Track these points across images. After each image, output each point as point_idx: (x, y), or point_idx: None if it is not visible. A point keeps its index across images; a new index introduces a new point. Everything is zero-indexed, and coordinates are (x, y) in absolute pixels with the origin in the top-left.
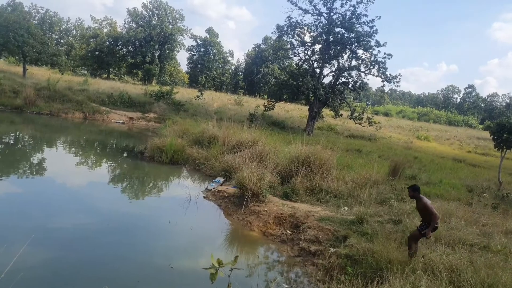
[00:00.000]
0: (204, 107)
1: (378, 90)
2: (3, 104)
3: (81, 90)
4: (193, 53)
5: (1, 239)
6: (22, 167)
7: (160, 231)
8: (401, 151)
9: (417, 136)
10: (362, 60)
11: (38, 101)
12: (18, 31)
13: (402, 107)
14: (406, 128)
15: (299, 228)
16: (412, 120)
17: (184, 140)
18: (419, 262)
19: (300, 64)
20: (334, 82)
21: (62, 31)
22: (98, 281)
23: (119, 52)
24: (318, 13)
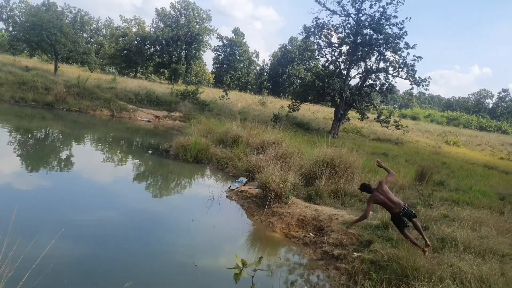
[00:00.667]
0: (228, 107)
1: (406, 93)
2: (36, 101)
3: (109, 88)
4: (219, 53)
5: (32, 232)
6: (51, 162)
7: (183, 228)
8: (428, 156)
9: (446, 141)
10: (390, 62)
11: (68, 98)
12: (51, 30)
13: (430, 111)
14: (434, 132)
15: (322, 231)
16: (440, 124)
17: (208, 139)
18: (447, 271)
19: (326, 65)
20: (361, 84)
21: (93, 30)
22: (122, 276)
23: (146, 52)
24: (346, 14)
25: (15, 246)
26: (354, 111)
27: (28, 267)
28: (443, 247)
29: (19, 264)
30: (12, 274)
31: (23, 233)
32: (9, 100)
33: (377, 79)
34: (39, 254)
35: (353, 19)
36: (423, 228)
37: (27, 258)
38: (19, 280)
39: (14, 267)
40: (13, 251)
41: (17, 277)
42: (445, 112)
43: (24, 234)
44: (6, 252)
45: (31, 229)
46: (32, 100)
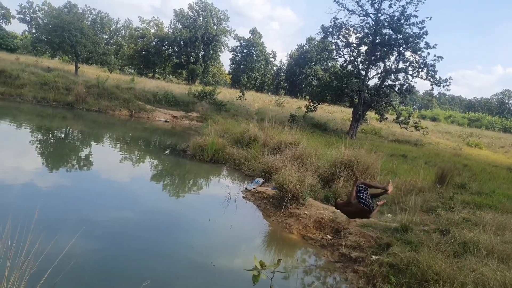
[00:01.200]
0: (245, 107)
1: (425, 94)
2: (57, 101)
3: (128, 89)
4: (236, 54)
5: (54, 230)
6: (72, 161)
7: (199, 229)
8: (449, 158)
9: (467, 143)
10: (410, 63)
11: (88, 98)
12: (72, 31)
13: (451, 112)
14: (455, 134)
15: (340, 234)
16: (462, 126)
17: (225, 139)
18: (469, 276)
19: (344, 66)
20: (379, 85)
21: (112, 31)
22: (140, 275)
23: (164, 52)
24: (365, 14)
25: (37, 244)
26: (373, 112)
27: (50, 265)
28: (464, 252)
29: (41, 261)
30: (34, 271)
31: (45, 231)
32: (32, 100)
33: (396, 79)
34: (61, 251)
35: (372, 19)
36: (443, 232)
37: (48, 255)
38: (41, 277)
39: (36, 264)
40: (36, 248)
41: (39, 274)
42: (466, 113)
43: (46, 231)
44: (28, 249)
45: (52, 227)
46: (53, 100)
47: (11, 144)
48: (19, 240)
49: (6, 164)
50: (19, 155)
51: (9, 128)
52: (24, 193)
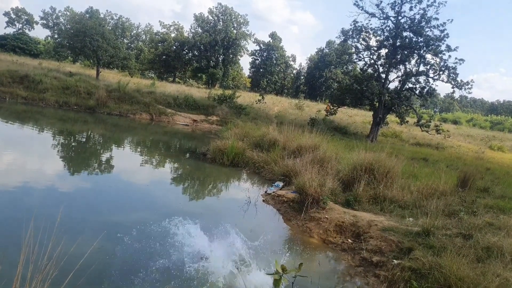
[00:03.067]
0: (264, 111)
1: (447, 97)
2: (78, 105)
3: (148, 93)
4: (256, 58)
5: (76, 233)
6: (93, 165)
7: (220, 231)
8: (471, 162)
9: (489, 146)
10: (431, 65)
11: (109, 102)
12: (94, 36)
13: (473, 115)
14: (477, 137)
15: (360, 238)
16: (484, 129)
17: (244, 143)
18: (493, 281)
19: (364, 69)
20: (400, 88)
21: (133, 36)
22: (161, 279)
23: (185, 57)
24: (385, 17)
25: (60, 246)
26: (393, 115)
27: (72, 267)
28: (488, 257)
29: (64, 264)
30: (56, 274)
31: (67, 234)
32: (54, 104)
33: (417, 82)
34: (83, 254)
35: (392, 22)
36: (465, 237)
37: (71, 258)
38: (63, 280)
39: (59, 267)
40: (58, 251)
41: (61, 277)
42: (488, 116)
43: (69, 234)
44: (51, 252)
45: (75, 229)
46: (75, 104)
47: (34, 148)
48: (42, 243)
49: (29, 167)
50: (42, 159)
51: (32, 132)
52: (47, 196)
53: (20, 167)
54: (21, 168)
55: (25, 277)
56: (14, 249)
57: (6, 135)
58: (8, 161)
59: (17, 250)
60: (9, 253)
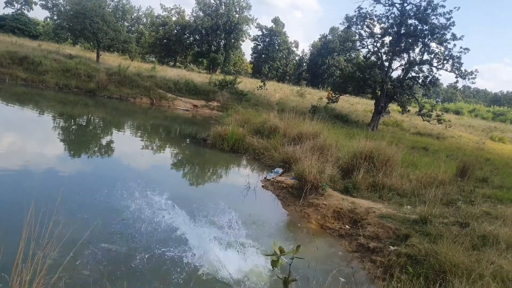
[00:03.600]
0: (266, 97)
1: (450, 87)
2: (78, 88)
3: (149, 77)
4: (258, 43)
5: (76, 213)
6: (93, 148)
7: (219, 216)
8: (471, 152)
9: (490, 137)
10: (435, 54)
11: (109, 86)
12: (94, 18)
13: (475, 105)
14: (478, 128)
15: (358, 224)
16: (486, 119)
17: (245, 129)
18: (488, 268)
19: (368, 57)
20: (403, 76)
21: (134, 19)
22: (160, 261)
23: (186, 41)
24: (391, 3)
25: (60, 226)
26: (395, 104)
27: (73, 246)
28: (484, 245)
29: (64, 243)
30: (57, 252)
31: (68, 214)
32: (54, 87)
33: (420, 71)
34: (83, 234)
35: (397, 9)
36: (462, 225)
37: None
38: (64, 258)
39: (60, 245)
40: (58, 231)
41: (62, 255)
42: (491, 107)
43: (69, 215)
44: (52, 231)
45: (75, 211)
46: (75, 87)
47: (35, 130)
48: (42, 223)
49: (29, 150)
50: (42, 142)
51: (32, 115)
52: (47, 178)
53: (21, 149)
54: (21, 150)
55: (27, 254)
56: (15, 228)
57: (6, 117)
58: (9, 144)
59: (19, 229)
60: (11, 232)
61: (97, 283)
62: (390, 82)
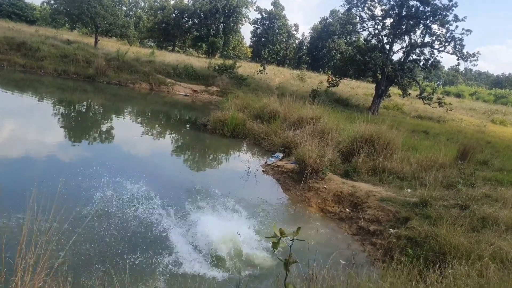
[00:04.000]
0: (265, 82)
1: (451, 69)
2: (77, 73)
3: (148, 62)
4: (257, 26)
5: (77, 200)
6: (93, 134)
7: (220, 200)
8: (472, 135)
9: (491, 120)
10: (436, 36)
11: (108, 71)
12: (91, 2)
13: (476, 88)
14: (479, 111)
15: (358, 207)
16: (487, 102)
17: (245, 114)
18: (487, 249)
19: (368, 39)
20: (404, 59)
21: (131, 3)
22: (160, 243)
23: (184, 25)
24: None
25: (62, 211)
26: (396, 88)
27: (74, 232)
28: (483, 227)
29: (66, 228)
30: (60, 237)
31: (69, 201)
32: (52, 73)
33: (421, 54)
34: (84, 220)
35: None
36: (462, 208)
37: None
38: (66, 242)
39: (61, 230)
40: (60, 216)
41: (64, 239)
42: (493, 89)
43: (70, 201)
44: (54, 217)
45: (76, 196)
46: (74, 73)
47: (35, 117)
48: (44, 208)
49: (30, 137)
50: (42, 129)
51: (31, 101)
52: (48, 165)
53: (22, 136)
54: (22, 137)
55: (30, 239)
56: (18, 214)
57: (5, 104)
58: (10, 131)
59: (21, 215)
60: (14, 218)
61: (99, 267)
62: (391, 65)
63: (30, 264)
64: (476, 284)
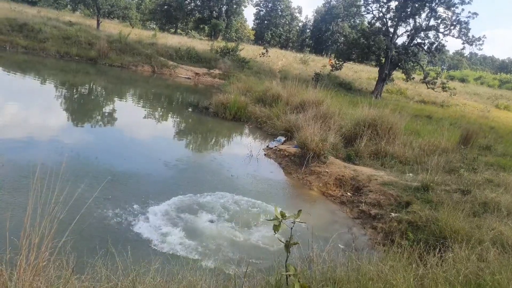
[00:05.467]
0: (268, 65)
1: (456, 54)
2: (79, 55)
3: (150, 44)
4: (260, 9)
5: (81, 179)
6: (95, 117)
7: (223, 183)
8: (475, 120)
9: (496, 105)
10: (442, 20)
11: (110, 53)
12: None
13: (481, 72)
14: (484, 95)
15: (360, 191)
16: (492, 87)
17: (247, 97)
18: (488, 234)
19: (372, 23)
20: (408, 43)
21: None
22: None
23: (187, 7)
24: None
25: (65, 191)
26: (399, 72)
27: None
28: (485, 212)
29: (70, 207)
30: (64, 216)
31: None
32: (55, 55)
33: (426, 37)
34: (88, 199)
35: None
36: (464, 192)
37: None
38: (70, 221)
39: (65, 210)
40: (64, 196)
41: (69, 219)
42: (498, 74)
43: (73, 181)
44: (57, 196)
45: (79, 176)
46: (76, 55)
47: (38, 99)
48: (48, 188)
49: (34, 119)
50: (45, 110)
51: (34, 83)
52: (52, 145)
53: (26, 118)
54: (26, 119)
55: (35, 218)
56: (22, 194)
57: (9, 85)
58: (14, 112)
59: (26, 195)
60: (18, 198)
61: (102, 246)
62: (395, 49)
63: (34, 243)
64: (476, 268)
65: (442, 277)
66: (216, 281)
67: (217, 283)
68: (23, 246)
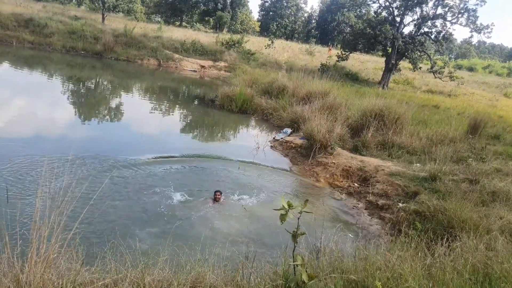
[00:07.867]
0: (274, 56)
1: (463, 42)
2: (85, 50)
3: (155, 37)
4: (265, 0)
5: (88, 172)
6: (102, 111)
7: (230, 175)
8: (483, 109)
9: (504, 94)
10: (449, 8)
11: (116, 47)
12: None
13: (490, 61)
14: (492, 84)
15: (367, 182)
16: (500, 76)
17: (253, 90)
18: (496, 223)
19: (379, 12)
20: (415, 32)
21: None
22: (169, 215)
23: None
24: None
25: (73, 184)
26: (406, 61)
27: (87, 202)
28: (493, 201)
29: (78, 200)
30: (73, 209)
31: (79, 173)
32: (61, 50)
33: (433, 26)
34: (95, 191)
35: None
36: (472, 182)
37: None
38: (79, 214)
39: (74, 202)
40: (71, 189)
41: (77, 212)
42: (506, 62)
43: (81, 174)
44: (65, 189)
45: (86, 170)
46: (82, 49)
47: (45, 94)
48: (57, 179)
49: (42, 112)
50: (53, 104)
51: (41, 78)
52: (58, 139)
53: (33, 112)
54: (34, 113)
55: (44, 211)
56: (31, 188)
57: (17, 81)
58: (22, 106)
59: (35, 189)
60: (28, 192)
61: (110, 238)
62: (402, 38)
63: (44, 236)
64: (484, 257)
65: (450, 266)
66: (224, 272)
67: (225, 273)
68: (34, 239)
